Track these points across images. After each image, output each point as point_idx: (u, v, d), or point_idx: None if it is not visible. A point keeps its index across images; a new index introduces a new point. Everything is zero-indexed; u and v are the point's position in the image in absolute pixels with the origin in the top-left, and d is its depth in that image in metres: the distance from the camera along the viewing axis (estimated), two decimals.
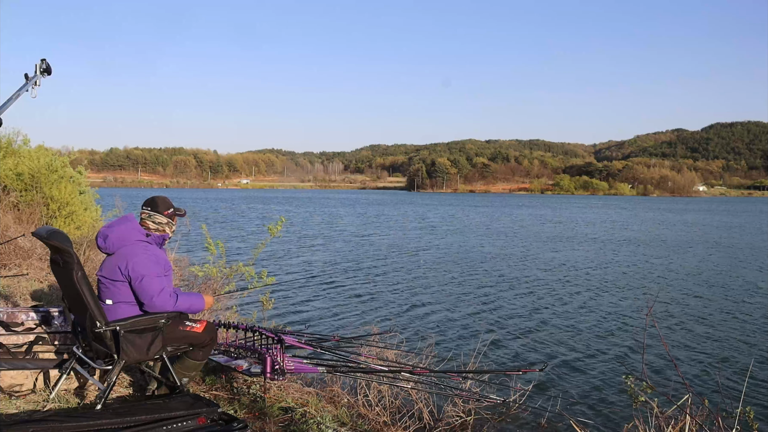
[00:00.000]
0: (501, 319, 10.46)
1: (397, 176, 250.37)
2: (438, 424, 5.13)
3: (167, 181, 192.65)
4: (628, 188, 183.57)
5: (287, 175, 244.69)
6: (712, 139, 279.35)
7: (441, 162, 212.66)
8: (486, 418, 5.49)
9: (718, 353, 8.45)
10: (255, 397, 4.40)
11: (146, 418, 3.09)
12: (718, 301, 12.31)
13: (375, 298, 12.15)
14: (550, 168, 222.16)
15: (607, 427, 5.68)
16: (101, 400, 3.31)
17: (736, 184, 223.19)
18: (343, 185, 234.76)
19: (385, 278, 14.66)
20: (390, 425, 4.75)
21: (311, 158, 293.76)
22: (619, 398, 6.51)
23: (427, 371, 4.88)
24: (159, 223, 3.77)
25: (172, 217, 3.84)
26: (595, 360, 8.03)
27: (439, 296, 12.41)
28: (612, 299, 12.39)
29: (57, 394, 3.70)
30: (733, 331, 9.79)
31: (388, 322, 9.84)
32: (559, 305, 11.70)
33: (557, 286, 13.99)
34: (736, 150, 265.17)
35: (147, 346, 3.48)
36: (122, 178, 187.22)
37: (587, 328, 9.82)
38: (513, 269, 16.70)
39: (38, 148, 12.29)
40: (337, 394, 5.22)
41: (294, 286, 12.83)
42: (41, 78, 3.59)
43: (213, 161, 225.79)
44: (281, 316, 9.82)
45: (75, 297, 3.36)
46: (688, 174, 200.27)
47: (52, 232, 3.33)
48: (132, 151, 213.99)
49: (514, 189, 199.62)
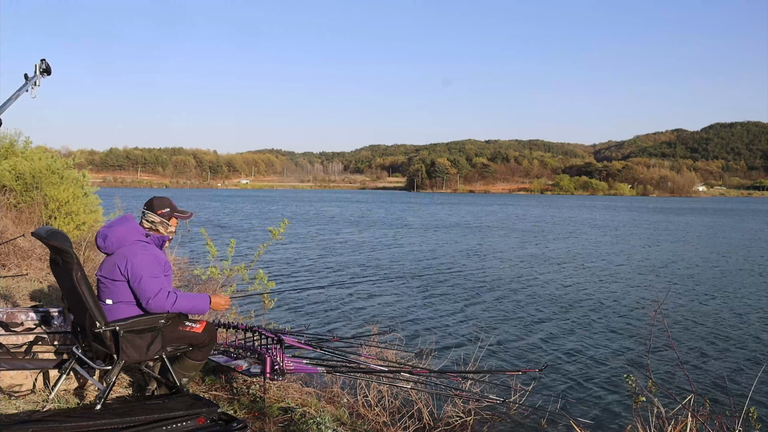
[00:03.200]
0: (501, 318, 10.46)
1: (397, 176, 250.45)
2: (438, 425, 5.13)
3: (167, 181, 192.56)
4: (628, 188, 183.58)
5: (287, 176, 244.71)
6: (711, 139, 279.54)
7: (441, 162, 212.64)
8: (486, 418, 5.49)
9: (725, 354, 8.43)
10: (255, 397, 4.40)
11: (146, 419, 3.09)
12: (726, 303, 12.30)
13: (375, 298, 12.14)
14: (550, 168, 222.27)
15: (608, 427, 5.68)
16: (101, 400, 3.31)
17: (736, 184, 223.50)
18: (342, 185, 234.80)
19: (385, 278, 14.65)
20: (389, 425, 4.75)
21: (311, 158, 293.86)
22: (619, 398, 6.50)
23: (427, 371, 4.89)
24: (152, 222, 3.77)
25: (168, 218, 3.81)
26: (595, 360, 8.03)
27: (438, 296, 12.40)
28: (613, 300, 12.39)
29: (56, 395, 3.70)
30: (740, 332, 9.78)
31: (388, 322, 9.84)
32: (560, 305, 11.70)
33: (558, 285, 13.99)
34: (735, 150, 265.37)
35: (146, 346, 3.48)
36: (122, 179, 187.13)
37: (587, 328, 9.82)
38: (513, 269, 16.70)
39: (38, 149, 12.32)
40: (337, 395, 5.22)
41: (294, 286, 12.82)
42: (41, 78, 3.59)
43: (213, 161, 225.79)
44: (281, 317, 9.82)
45: (74, 297, 3.36)
46: (688, 174, 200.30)
47: (51, 232, 3.33)
48: (131, 151, 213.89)
49: (513, 189, 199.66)
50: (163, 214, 3.78)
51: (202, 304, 3.71)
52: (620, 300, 12.35)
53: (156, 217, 3.77)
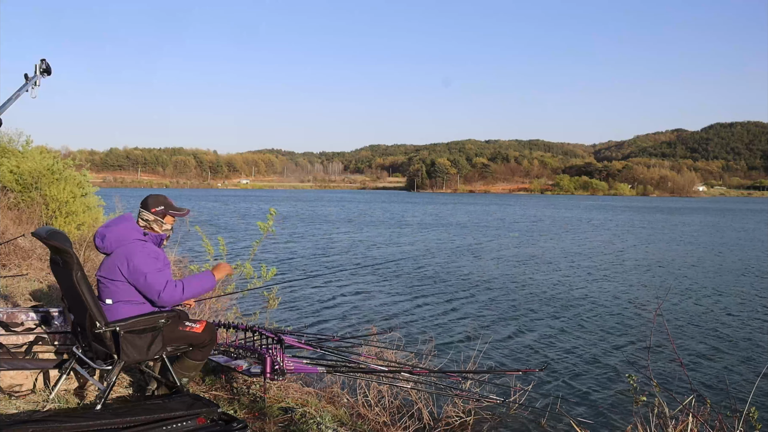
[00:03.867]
0: (500, 318, 10.46)
1: (397, 176, 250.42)
2: (438, 424, 5.13)
3: (167, 181, 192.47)
4: (628, 188, 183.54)
5: (287, 176, 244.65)
6: (711, 139, 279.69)
7: (441, 162, 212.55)
8: (485, 418, 5.49)
9: (725, 354, 8.43)
10: (255, 397, 4.40)
11: (146, 419, 3.08)
12: (725, 302, 12.31)
13: (375, 298, 12.14)
14: (550, 168, 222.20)
15: (608, 427, 5.67)
16: (101, 400, 3.31)
17: (736, 184, 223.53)
18: (342, 185, 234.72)
19: (385, 278, 14.66)
20: (390, 425, 4.75)
21: (311, 158, 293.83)
22: (620, 398, 6.50)
23: (427, 371, 4.89)
24: (146, 221, 3.74)
25: (162, 215, 3.76)
26: (595, 360, 8.02)
27: (439, 296, 12.40)
28: (612, 299, 12.39)
29: (57, 395, 3.70)
30: (740, 331, 9.77)
31: (388, 322, 9.84)
32: (559, 304, 11.70)
33: (557, 285, 13.99)
34: (735, 150, 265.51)
35: (147, 346, 3.48)
36: (122, 179, 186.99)
37: (587, 328, 9.82)
38: (513, 269, 16.70)
39: (38, 149, 12.32)
40: (337, 394, 5.22)
41: (294, 286, 12.82)
42: (41, 78, 3.60)
43: (213, 161, 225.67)
44: (281, 317, 9.82)
45: (75, 297, 3.36)
46: (688, 174, 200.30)
47: (51, 232, 3.32)
48: (131, 151, 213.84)
49: (513, 189, 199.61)
50: (157, 212, 3.74)
51: (209, 283, 3.74)
52: (619, 299, 12.35)
53: (150, 215, 3.73)
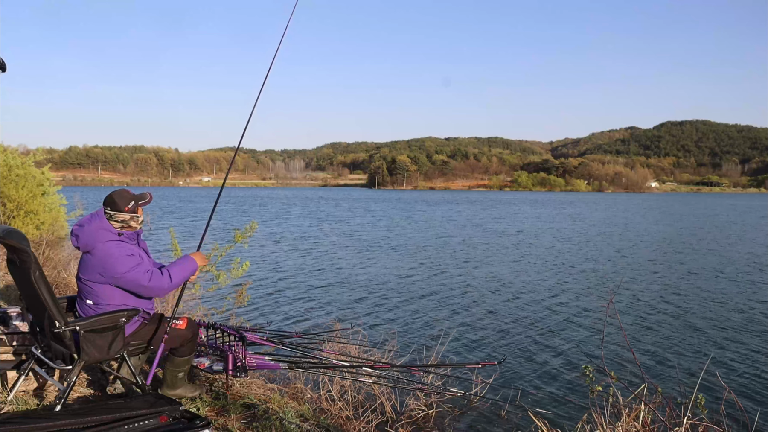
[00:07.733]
0: (461, 312, 10.62)
1: (358, 173, 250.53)
2: (400, 418, 5.21)
3: (128, 179, 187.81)
4: (584, 184, 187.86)
5: (248, 173, 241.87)
6: (663, 136, 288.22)
7: (401, 159, 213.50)
8: (447, 411, 5.60)
9: (675, 344, 8.75)
10: (217, 394, 4.40)
11: (107, 418, 3.07)
12: (675, 293, 12.74)
13: (337, 294, 12.17)
14: (509, 165, 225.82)
15: (565, 416, 5.84)
16: (61, 400, 3.27)
17: (686, 180, 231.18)
18: (304, 183, 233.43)
19: (346, 274, 14.68)
20: (353, 419, 4.80)
21: (272, 156, 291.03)
22: (576, 388, 6.70)
23: (389, 366, 4.94)
24: (123, 221, 3.66)
25: (135, 210, 3.70)
26: (553, 352, 8.24)
27: (400, 291, 12.51)
28: (569, 293, 12.70)
29: (15, 396, 3.64)
30: (689, 322, 10.15)
31: (351, 318, 9.89)
32: (518, 299, 11.94)
33: (515, 279, 14.25)
34: (685, 147, 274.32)
35: (108, 345, 3.45)
36: (82, 177, 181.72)
37: (544, 322, 10.05)
38: (472, 264, 16.93)
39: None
40: (300, 390, 5.25)
41: (257, 283, 12.74)
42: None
43: (174, 159, 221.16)
44: (244, 313, 9.76)
45: (33, 297, 3.31)
46: (641, 170, 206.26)
47: (8, 231, 3.26)
48: (92, 149, 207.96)
49: (473, 186, 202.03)
50: (129, 209, 3.67)
51: (192, 266, 3.82)
52: (575, 293, 12.67)
53: (125, 215, 3.65)
